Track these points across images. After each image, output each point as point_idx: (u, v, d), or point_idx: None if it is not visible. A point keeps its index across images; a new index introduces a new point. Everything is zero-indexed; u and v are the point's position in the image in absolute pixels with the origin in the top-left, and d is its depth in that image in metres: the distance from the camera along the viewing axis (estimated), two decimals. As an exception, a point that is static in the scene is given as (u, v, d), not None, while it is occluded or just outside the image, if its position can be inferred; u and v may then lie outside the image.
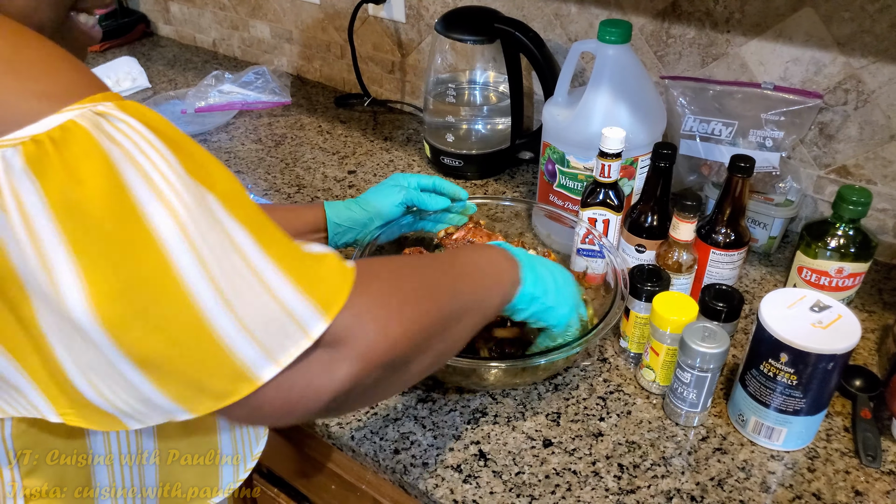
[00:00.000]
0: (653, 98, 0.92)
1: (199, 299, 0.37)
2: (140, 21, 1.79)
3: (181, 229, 0.37)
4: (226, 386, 0.39)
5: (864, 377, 0.77)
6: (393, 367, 0.46)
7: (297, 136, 1.33)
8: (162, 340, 0.37)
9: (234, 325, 0.38)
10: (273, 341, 0.39)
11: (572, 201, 0.95)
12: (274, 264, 0.40)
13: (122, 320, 0.36)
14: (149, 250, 0.36)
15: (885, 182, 0.94)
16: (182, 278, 0.37)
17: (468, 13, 1.12)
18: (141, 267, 0.36)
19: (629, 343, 0.81)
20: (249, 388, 0.40)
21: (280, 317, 0.39)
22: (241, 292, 0.38)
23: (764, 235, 0.97)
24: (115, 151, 0.36)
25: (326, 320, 0.41)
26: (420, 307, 0.48)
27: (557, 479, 0.68)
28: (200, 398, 0.40)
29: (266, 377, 0.40)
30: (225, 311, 0.38)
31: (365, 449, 0.72)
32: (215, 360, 0.38)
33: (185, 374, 0.39)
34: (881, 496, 0.66)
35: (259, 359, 0.39)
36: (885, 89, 0.89)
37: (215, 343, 0.38)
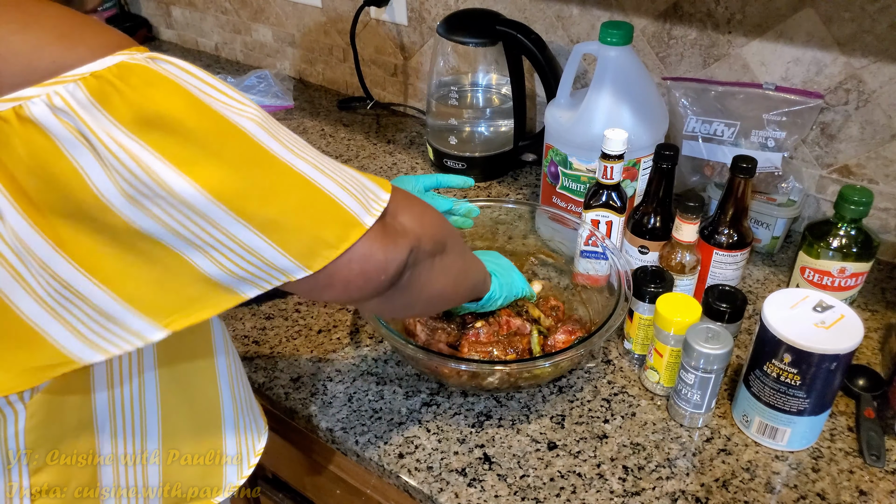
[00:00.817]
0: (655, 99, 0.92)
1: (300, 168, 0.44)
2: (142, 25, 1.80)
3: (264, 127, 0.43)
4: (340, 231, 0.46)
5: (867, 377, 0.77)
6: (436, 242, 0.56)
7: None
8: (280, 203, 0.43)
9: (334, 185, 0.46)
10: (364, 198, 0.48)
11: (575, 203, 0.95)
12: (335, 160, 0.49)
13: (237, 193, 0.41)
14: (241, 139, 0.41)
15: (887, 181, 0.94)
16: (279, 155, 0.43)
17: (470, 16, 1.12)
18: (240, 150, 0.41)
19: (633, 345, 0.81)
20: (359, 232, 0.46)
21: (361, 184, 0.49)
22: (329, 166, 0.47)
23: (767, 236, 0.98)
24: (176, 77, 0.40)
25: (387, 192, 0.51)
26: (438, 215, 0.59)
27: (562, 481, 0.68)
28: (319, 249, 0.45)
29: (368, 223, 0.47)
30: (323, 175, 0.45)
31: (369, 453, 0.72)
32: (328, 212, 0.45)
33: (304, 229, 0.44)
34: (885, 495, 0.66)
35: (359, 209, 0.47)
36: (886, 89, 0.89)
37: (325, 197, 0.45)
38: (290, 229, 0.44)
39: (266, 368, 0.82)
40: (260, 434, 0.67)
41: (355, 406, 0.77)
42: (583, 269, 0.88)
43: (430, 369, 0.76)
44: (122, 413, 0.53)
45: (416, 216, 0.54)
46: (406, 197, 0.55)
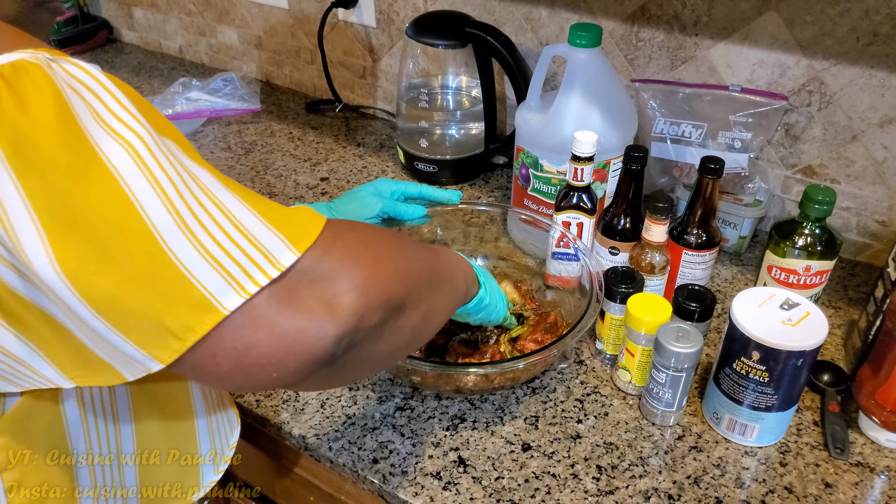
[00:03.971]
0: (624, 101, 0.93)
1: (157, 225, 0.35)
2: (102, 27, 1.76)
3: (136, 160, 0.35)
4: (187, 319, 0.36)
5: (831, 372, 0.79)
6: (391, 307, 0.43)
7: (268, 144, 1.32)
8: (117, 273, 0.35)
9: (194, 252, 0.36)
10: (236, 269, 0.37)
11: (546, 205, 0.95)
12: (238, 199, 0.38)
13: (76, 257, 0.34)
14: (101, 180, 0.34)
15: (848, 181, 0.96)
16: (138, 205, 0.35)
17: (439, 18, 1.12)
18: (91, 195, 0.34)
19: (605, 345, 0.82)
20: (213, 319, 0.36)
21: (244, 244, 0.37)
22: (203, 220, 0.36)
23: (734, 235, 0.99)
24: (67, 89, 0.35)
25: (296, 251, 0.39)
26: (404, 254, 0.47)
27: (537, 482, 0.68)
28: (164, 340, 0.36)
29: (230, 305, 0.36)
30: (184, 237, 0.36)
31: (343, 459, 0.71)
32: (174, 290, 0.36)
33: (145, 311, 0.36)
34: (850, 487, 0.68)
35: (221, 286, 0.36)
36: (847, 91, 0.91)
37: (174, 270, 0.35)
38: (129, 310, 0.36)
39: (236, 375, 0.81)
40: (233, 427, 0.67)
41: (328, 412, 0.76)
42: (554, 270, 0.88)
43: (403, 373, 0.75)
44: (93, 413, 0.52)
45: (360, 278, 0.40)
46: (349, 247, 0.42)
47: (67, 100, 0.35)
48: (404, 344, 0.49)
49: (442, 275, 0.55)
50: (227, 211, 0.38)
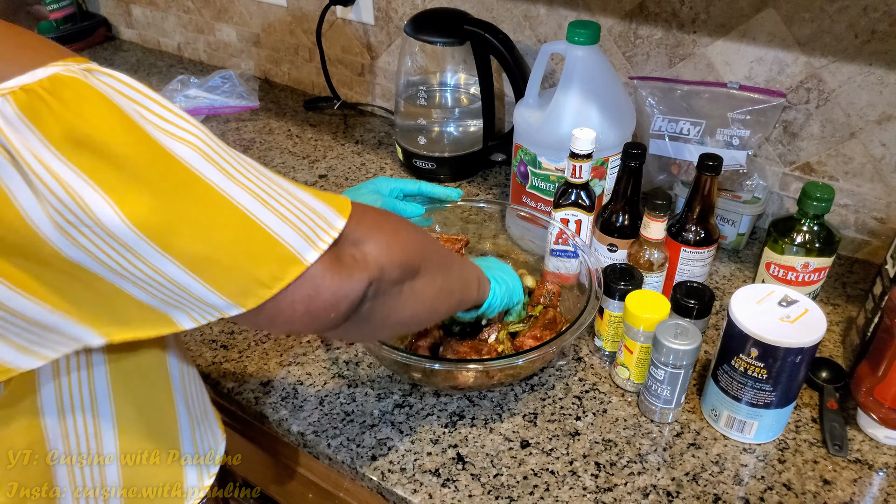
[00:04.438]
0: (622, 98, 0.93)
1: (237, 199, 0.41)
2: (101, 25, 1.75)
3: (203, 156, 0.40)
4: (276, 270, 0.43)
5: (830, 369, 0.79)
6: (408, 268, 0.52)
7: (266, 141, 1.32)
8: (211, 239, 0.40)
9: (274, 218, 0.43)
10: (309, 230, 0.44)
11: (545, 202, 0.95)
12: (287, 181, 0.46)
13: (165, 226, 0.39)
14: (175, 167, 0.39)
15: (847, 178, 0.96)
16: (215, 185, 0.40)
17: (437, 15, 1.12)
18: (172, 180, 0.39)
19: (603, 342, 0.82)
20: (298, 270, 0.43)
21: (308, 213, 0.45)
22: (270, 195, 0.43)
23: (732, 232, 0.99)
24: (112, 94, 0.38)
25: (344, 217, 0.47)
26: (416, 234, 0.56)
27: (535, 479, 0.68)
28: (252, 288, 0.42)
29: (311, 259, 0.44)
30: (262, 206, 0.42)
31: (342, 456, 0.71)
32: (264, 247, 0.42)
33: (237, 267, 0.42)
34: (848, 484, 0.68)
35: (302, 243, 0.44)
36: (845, 88, 0.91)
37: (262, 232, 0.42)
38: (222, 267, 0.41)
39: (235, 373, 0.81)
40: (217, 443, 0.66)
41: (327, 409, 0.76)
42: (553, 267, 0.88)
43: (403, 369, 0.75)
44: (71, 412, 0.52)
45: (383, 242, 0.50)
46: (374, 219, 0.51)
47: (119, 105, 0.37)
48: (421, 309, 0.57)
49: (453, 263, 0.62)
50: (284, 188, 0.45)
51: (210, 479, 0.65)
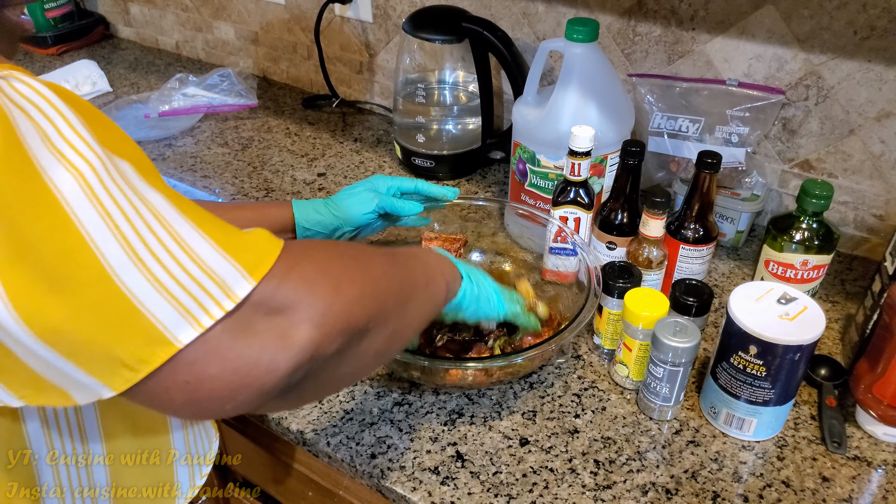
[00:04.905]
0: (621, 96, 0.93)
1: (105, 255, 0.34)
2: (99, 23, 1.75)
3: (85, 189, 0.34)
4: (140, 351, 0.36)
5: (829, 366, 0.79)
6: (352, 334, 0.42)
7: (265, 139, 1.32)
8: (67, 304, 0.34)
9: (146, 283, 0.35)
10: (190, 300, 0.36)
11: (544, 200, 0.95)
12: (192, 226, 0.37)
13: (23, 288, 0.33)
14: (48, 209, 0.33)
15: (846, 175, 0.96)
16: (86, 233, 0.34)
17: (436, 13, 1.12)
18: (38, 223, 0.33)
19: (602, 339, 0.82)
20: (167, 352, 0.36)
21: (199, 276, 0.36)
22: (155, 250, 0.36)
23: (731, 230, 0.99)
24: (14, 111, 0.34)
25: (251, 281, 0.38)
26: (366, 274, 0.46)
27: (535, 477, 0.68)
28: (116, 369, 0.36)
29: (185, 339, 0.36)
30: (135, 268, 0.35)
31: (341, 454, 0.71)
32: (127, 322, 0.35)
33: (96, 342, 0.35)
34: (847, 481, 0.68)
35: (175, 319, 0.36)
36: (844, 85, 0.91)
37: (125, 301, 0.35)
38: (80, 341, 0.35)
39: (233, 371, 0.81)
40: (211, 442, 0.66)
41: (326, 407, 0.76)
42: (552, 265, 0.88)
43: (402, 368, 0.75)
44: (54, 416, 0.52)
45: (320, 307, 0.40)
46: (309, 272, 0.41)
47: (14, 123, 0.34)
48: (369, 364, 0.49)
49: (416, 286, 0.54)
50: (180, 239, 0.37)
51: (202, 478, 0.65)
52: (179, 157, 1.26)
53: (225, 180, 1.18)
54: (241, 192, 1.15)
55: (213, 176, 1.20)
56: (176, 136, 1.33)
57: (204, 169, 1.22)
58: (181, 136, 1.32)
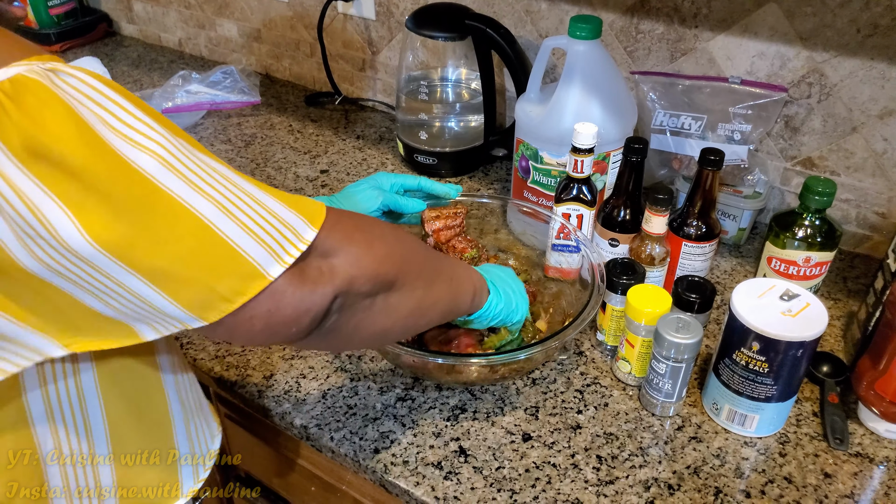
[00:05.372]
0: (623, 93, 0.93)
1: (199, 210, 0.40)
2: (102, 20, 1.75)
3: (164, 164, 0.39)
4: (238, 285, 0.41)
5: (831, 363, 0.79)
6: (380, 282, 0.50)
7: (268, 136, 1.32)
8: (170, 251, 0.39)
9: (238, 229, 0.41)
10: (275, 243, 0.42)
11: (546, 197, 0.95)
12: (257, 188, 0.44)
13: (124, 241, 0.38)
14: (135, 178, 0.37)
15: (848, 173, 0.96)
16: (176, 196, 0.39)
17: (439, 10, 1.12)
18: (131, 191, 0.37)
19: (605, 336, 0.82)
20: (261, 285, 0.42)
21: (275, 223, 0.43)
22: (236, 204, 0.41)
23: (734, 227, 0.99)
24: (74, 103, 0.36)
25: (314, 228, 0.45)
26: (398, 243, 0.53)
27: (537, 472, 0.69)
28: (213, 302, 0.41)
29: (275, 273, 0.42)
30: (225, 217, 0.40)
31: (344, 449, 0.71)
32: (226, 261, 0.41)
33: (198, 280, 0.40)
34: (849, 477, 0.68)
35: (266, 257, 0.42)
36: (847, 83, 0.91)
37: (224, 245, 0.40)
38: (182, 280, 0.40)
39: (238, 367, 0.81)
40: (213, 436, 0.66)
41: (329, 403, 0.76)
42: (554, 262, 0.88)
43: (407, 365, 0.76)
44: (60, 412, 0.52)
45: (354, 253, 0.48)
46: (348, 228, 0.49)
47: (79, 113, 0.36)
48: (396, 324, 0.55)
49: (441, 273, 0.59)
50: (252, 196, 0.43)
51: (205, 473, 0.65)
52: (182, 153, 1.26)
53: (228, 177, 1.19)
54: (245, 189, 1.15)
55: (216, 173, 1.20)
56: (179, 132, 1.32)
57: (207, 166, 1.22)
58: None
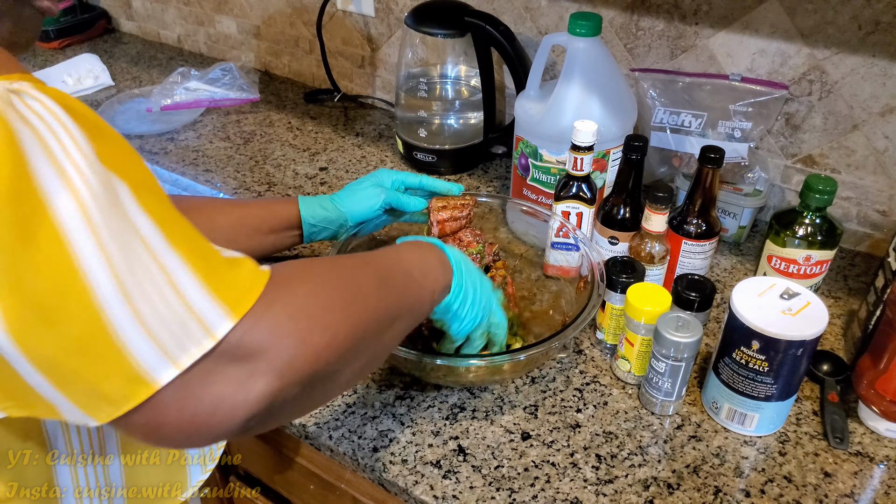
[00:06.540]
0: (623, 91, 0.92)
1: (97, 287, 0.35)
2: (101, 17, 1.75)
3: (84, 215, 0.35)
4: (122, 389, 0.37)
5: (831, 362, 0.79)
6: (317, 379, 0.43)
7: (267, 133, 1.31)
8: (57, 337, 0.35)
9: (132, 321, 0.36)
10: (172, 340, 0.37)
11: (546, 195, 0.95)
12: (180, 259, 0.38)
13: (19, 317, 0.34)
14: (48, 238, 0.34)
15: (849, 171, 0.96)
16: (81, 268, 0.35)
17: (438, 7, 1.11)
18: (38, 255, 0.34)
19: (605, 334, 0.82)
20: (146, 392, 0.37)
21: (182, 314, 0.37)
22: (142, 285, 0.36)
23: (734, 225, 0.99)
24: (23, 130, 0.34)
25: (232, 320, 0.38)
26: (347, 312, 0.45)
27: (536, 471, 0.68)
28: (99, 403, 0.37)
29: (163, 380, 0.37)
30: (123, 304, 0.36)
31: (343, 448, 0.71)
32: (111, 360, 0.36)
33: (82, 376, 0.36)
34: (849, 476, 0.68)
35: (156, 359, 0.37)
36: (848, 80, 0.91)
37: (111, 340, 0.36)
38: (69, 373, 0.36)
39: (236, 365, 0.81)
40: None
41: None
42: (554, 260, 0.88)
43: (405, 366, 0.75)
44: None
45: (288, 355, 0.40)
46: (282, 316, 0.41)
47: (21, 143, 0.34)
48: (347, 384, 0.49)
49: (401, 309, 0.54)
50: (168, 274, 0.37)
51: (206, 472, 0.65)
52: (181, 151, 1.26)
53: (227, 174, 1.18)
54: (243, 187, 1.15)
55: (214, 170, 1.20)
56: (178, 130, 1.32)
57: (206, 163, 1.22)
58: (183, 130, 1.32)
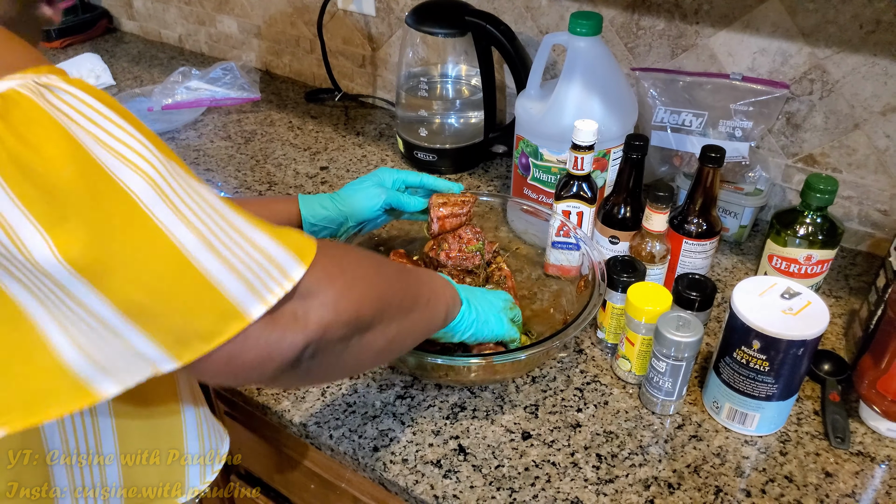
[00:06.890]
0: (624, 90, 0.92)
1: (181, 241, 0.38)
2: (102, 16, 1.75)
3: (152, 185, 0.37)
4: (214, 324, 0.39)
5: (832, 361, 0.79)
6: (357, 325, 0.47)
7: (268, 133, 1.32)
8: (147, 283, 0.37)
9: (219, 265, 0.39)
10: (258, 281, 0.40)
11: (546, 194, 0.95)
12: (246, 220, 0.42)
13: (99, 264, 0.36)
14: (121, 199, 0.36)
15: (850, 170, 0.96)
16: (160, 224, 0.37)
17: (439, 6, 1.11)
18: (115, 214, 0.36)
19: (605, 334, 0.82)
20: (239, 326, 0.40)
21: (261, 260, 0.41)
22: (221, 237, 0.39)
23: (735, 224, 0.99)
24: (66, 120, 0.36)
25: (304, 266, 0.42)
26: (380, 278, 0.51)
27: (537, 471, 0.68)
28: (188, 340, 0.39)
29: (255, 314, 0.40)
30: (208, 251, 0.38)
31: (344, 447, 0.71)
32: (204, 298, 0.39)
33: (172, 316, 0.38)
34: (850, 476, 0.68)
35: (247, 296, 0.40)
36: (849, 79, 0.90)
37: (203, 281, 0.38)
38: (158, 314, 0.38)
39: (236, 365, 0.81)
40: (222, 439, 0.66)
41: (328, 400, 0.76)
42: (554, 259, 0.88)
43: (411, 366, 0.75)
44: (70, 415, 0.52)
45: (333, 297, 0.45)
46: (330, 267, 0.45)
47: (71, 132, 0.35)
48: (370, 359, 0.53)
49: (418, 300, 0.58)
50: (238, 229, 0.41)
51: (213, 475, 0.65)
52: (182, 150, 1.26)
53: (228, 173, 1.18)
54: (244, 186, 1.15)
55: (216, 169, 1.20)
56: (179, 129, 1.33)
57: (207, 162, 1.22)
58: (184, 130, 1.32)
